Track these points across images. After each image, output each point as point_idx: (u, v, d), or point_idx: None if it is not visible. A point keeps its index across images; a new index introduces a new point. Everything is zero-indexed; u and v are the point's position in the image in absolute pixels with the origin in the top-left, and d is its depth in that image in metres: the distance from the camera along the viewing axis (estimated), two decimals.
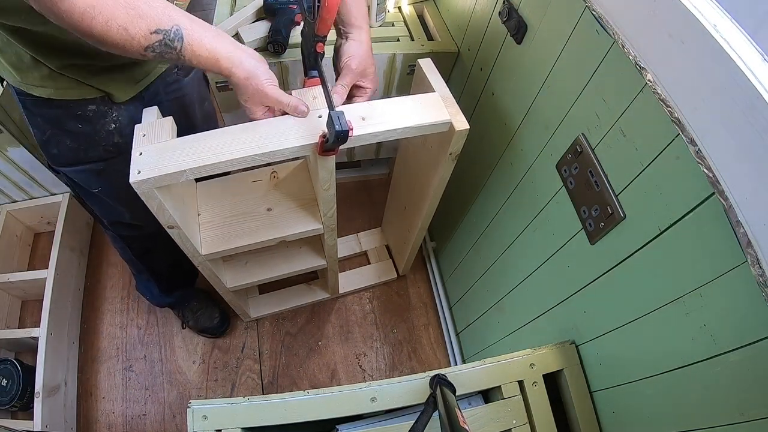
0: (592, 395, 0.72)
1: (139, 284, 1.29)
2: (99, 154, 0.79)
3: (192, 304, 1.32)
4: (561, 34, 0.67)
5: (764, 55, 0.41)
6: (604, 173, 0.62)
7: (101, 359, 1.32)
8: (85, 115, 0.73)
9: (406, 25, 1.17)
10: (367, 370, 1.34)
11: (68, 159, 0.79)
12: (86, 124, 0.74)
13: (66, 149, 0.77)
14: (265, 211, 0.93)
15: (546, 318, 0.83)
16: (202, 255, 0.86)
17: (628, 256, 0.60)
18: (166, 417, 1.25)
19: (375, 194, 1.65)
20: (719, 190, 0.44)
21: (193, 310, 1.32)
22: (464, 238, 1.19)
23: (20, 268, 1.40)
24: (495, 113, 0.92)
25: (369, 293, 1.47)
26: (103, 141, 0.77)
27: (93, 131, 0.75)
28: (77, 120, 0.73)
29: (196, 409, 0.66)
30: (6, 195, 1.35)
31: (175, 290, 1.27)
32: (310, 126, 0.69)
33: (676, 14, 0.46)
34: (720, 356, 0.48)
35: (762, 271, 0.40)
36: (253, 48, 1.02)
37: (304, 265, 1.11)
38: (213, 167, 0.65)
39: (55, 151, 0.78)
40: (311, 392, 0.67)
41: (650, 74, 0.50)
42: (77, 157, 0.78)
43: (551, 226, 0.77)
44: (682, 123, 0.47)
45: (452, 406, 0.59)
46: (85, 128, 0.74)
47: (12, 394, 1.11)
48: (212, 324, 1.32)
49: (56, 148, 0.77)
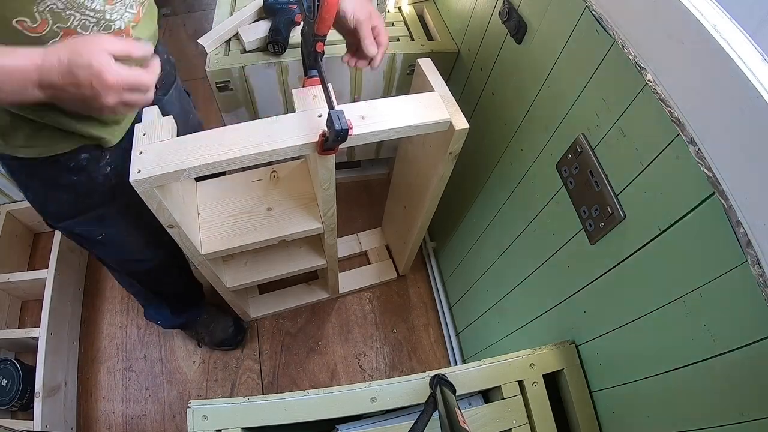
0: (592, 395, 0.72)
1: (149, 311, 1.23)
2: (99, 200, 0.76)
3: (203, 318, 1.29)
4: (561, 34, 0.67)
5: (764, 55, 0.41)
6: (604, 173, 0.62)
7: (101, 359, 1.32)
8: (80, 165, 0.70)
9: (406, 25, 1.17)
10: (367, 370, 1.34)
11: (68, 213, 0.76)
12: (81, 173, 0.71)
13: (64, 204, 0.74)
14: (265, 210, 0.93)
15: (546, 318, 0.83)
16: (202, 254, 0.86)
17: (628, 256, 0.60)
18: (166, 417, 1.25)
19: (375, 194, 1.65)
20: (719, 190, 0.44)
21: (206, 324, 1.29)
22: (464, 238, 1.19)
23: (20, 268, 1.40)
24: (495, 113, 0.92)
25: (369, 293, 1.47)
26: (101, 187, 0.74)
27: (89, 179, 0.72)
28: (72, 172, 0.70)
29: (196, 409, 0.66)
30: (6, 195, 1.35)
31: (186, 309, 1.24)
32: (309, 125, 0.69)
33: (676, 14, 0.46)
34: (720, 356, 0.48)
35: (762, 271, 0.40)
36: (253, 48, 1.03)
37: (304, 265, 1.11)
38: (213, 166, 0.65)
39: (53, 208, 0.75)
40: (311, 392, 0.67)
41: (650, 74, 0.50)
42: (77, 209, 0.76)
43: (551, 226, 0.77)
44: (682, 123, 0.47)
45: (452, 406, 0.59)
46: (81, 178, 0.72)
47: (12, 394, 1.11)
48: (227, 335, 1.29)
49: (53, 205, 0.75)
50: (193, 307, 1.26)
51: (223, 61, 1.01)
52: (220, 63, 1.00)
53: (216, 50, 1.04)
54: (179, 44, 2.04)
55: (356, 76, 1.09)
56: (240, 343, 1.33)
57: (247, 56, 1.02)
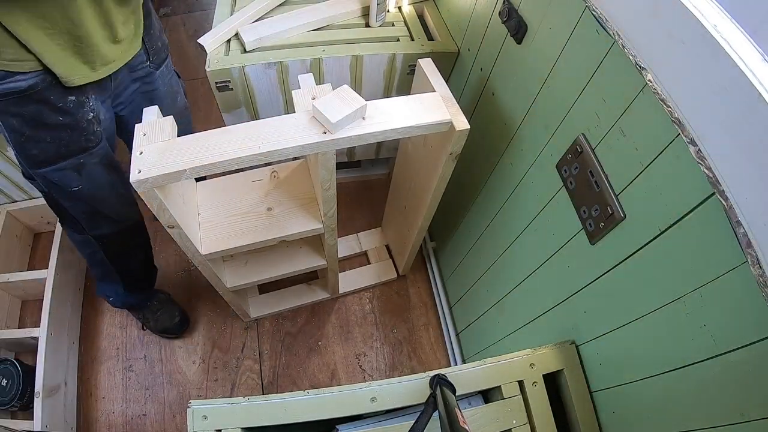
0: (592, 395, 0.72)
1: (102, 286, 1.25)
2: (80, 145, 0.78)
3: (153, 303, 1.32)
4: (561, 34, 0.67)
5: (764, 55, 0.41)
6: (604, 173, 0.62)
7: (101, 359, 1.32)
8: (66, 107, 0.73)
9: (406, 25, 1.17)
10: (367, 370, 1.34)
11: (48, 157, 0.78)
12: (67, 115, 0.74)
13: (46, 147, 0.76)
14: (265, 211, 0.94)
15: (546, 318, 0.83)
16: (202, 255, 0.86)
17: (628, 256, 0.60)
18: (166, 417, 1.25)
19: (375, 194, 1.65)
20: (719, 190, 0.44)
21: (153, 311, 1.32)
22: (464, 238, 1.19)
23: (20, 268, 1.40)
24: (495, 113, 0.92)
25: (369, 293, 1.47)
26: (84, 131, 0.77)
27: (74, 121, 0.75)
28: (58, 113, 0.73)
29: (196, 409, 0.66)
30: (6, 195, 1.35)
31: (139, 290, 1.26)
32: (310, 125, 0.69)
33: (676, 14, 0.46)
34: (720, 356, 0.48)
35: (762, 271, 0.40)
36: (253, 48, 1.03)
37: (304, 265, 1.11)
38: (213, 167, 0.65)
39: (35, 151, 0.76)
40: (311, 392, 0.67)
41: (650, 74, 0.50)
42: (58, 153, 0.78)
43: (551, 226, 0.77)
44: (682, 123, 0.47)
45: (452, 406, 0.59)
46: (66, 119, 0.74)
47: (12, 394, 1.11)
48: (172, 324, 1.32)
49: (36, 147, 0.76)
50: (146, 290, 1.29)
51: (223, 61, 1.01)
52: (220, 63, 1.00)
53: (216, 50, 1.04)
54: (179, 44, 2.04)
55: (356, 76, 1.09)
56: (182, 334, 1.35)
57: (247, 56, 1.02)
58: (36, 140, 0.75)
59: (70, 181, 0.83)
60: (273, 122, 0.69)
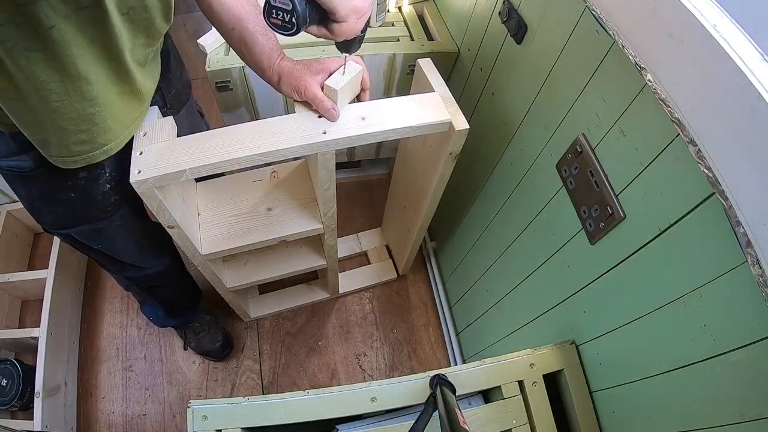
0: (592, 395, 0.72)
1: (145, 306, 1.29)
2: (96, 215, 0.74)
3: (195, 325, 1.29)
4: (561, 34, 0.67)
5: (764, 55, 0.41)
6: (604, 173, 0.62)
7: (101, 359, 1.32)
8: (77, 183, 0.67)
9: (406, 25, 1.17)
10: (367, 370, 1.34)
11: (63, 224, 0.74)
12: (79, 191, 0.68)
13: (60, 216, 0.72)
14: (265, 211, 0.93)
15: (546, 318, 0.83)
16: (202, 255, 0.86)
17: (628, 256, 0.60)
18: (166, 417, 1.25)
19: (375, 194, 1.65)
20: (719, 190, 0.44)
21: (195, 332, 1.29)
22: (464, 238, 1.19)
23: (20, 268, 1.40)
24: (495, 113, 0.92)
25: (369, 293, 1.47)
26: (99, 204, 0.72)
27: (87, 197, 0.70)
28: (68, 190, 0.67)
29: (196, 409, 0.66)
30: (6, 195, 1.35)
31: (180, 314, 1.26)
32: (310, 126, 0.69)
33: (676, 14, 0.46)
34: (720, 356, 0.48)
35: (762, 271, 0.40)
36: None
37: (304, 265, 1.11)
38: (213, 167, 0.65)
39: (48, 219, 0.73)
40: (311, 392, 0.67)
41: (650, 74, 0.50)
42: (74, 221, 0.74)
43: (551, 226, 0.77)
44: (682, 123, 0.47)
45: (452, 406, 0.59)
46: (78, 195, 0.69)
47: (12, 394, 1.11)
48: (213, 347, 1.29)
49: (48, 216, 0.72)
50: (187, 311, 1.27)
51: (223, 61, 1.01)
52: (220, 63, 1.00)
53: (216, 50, 1.04)
54: (179, 44, 2.02)
55: None
56: (224, 358, 1.33)
57: None
58: (48, 211, 0.71)
59: (90, 241, 0.80)
60: (273, 122, 0.69)
